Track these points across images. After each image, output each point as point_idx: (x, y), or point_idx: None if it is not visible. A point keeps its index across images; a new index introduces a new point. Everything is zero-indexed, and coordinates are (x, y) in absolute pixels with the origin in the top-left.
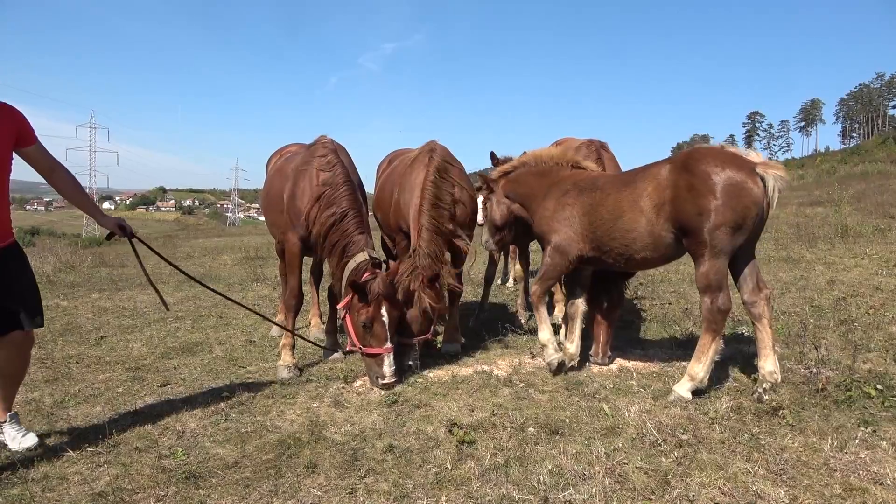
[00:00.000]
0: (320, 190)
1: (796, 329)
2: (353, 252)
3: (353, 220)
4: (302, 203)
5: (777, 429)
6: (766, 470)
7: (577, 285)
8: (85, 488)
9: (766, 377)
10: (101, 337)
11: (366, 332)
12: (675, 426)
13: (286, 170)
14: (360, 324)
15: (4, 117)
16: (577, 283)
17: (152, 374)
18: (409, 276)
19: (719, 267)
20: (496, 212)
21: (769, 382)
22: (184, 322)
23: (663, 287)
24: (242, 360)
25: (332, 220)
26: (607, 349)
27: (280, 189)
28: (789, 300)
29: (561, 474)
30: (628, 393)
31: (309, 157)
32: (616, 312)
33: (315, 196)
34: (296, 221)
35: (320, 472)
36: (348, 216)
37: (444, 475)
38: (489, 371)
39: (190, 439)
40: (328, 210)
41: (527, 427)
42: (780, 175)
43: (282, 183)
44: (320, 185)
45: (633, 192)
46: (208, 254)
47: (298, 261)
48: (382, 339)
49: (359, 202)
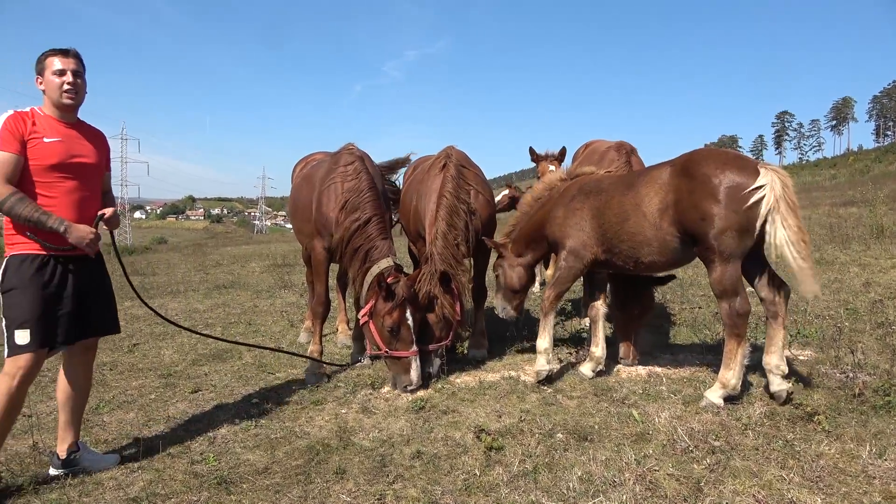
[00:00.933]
0: (345, 196)
1: (831, 332)
2: (376, 258)
3: (376, 226)
4: (328, 210)
5: (812, 435)
6: (801, 477)
7: (595, 288)
8: (119, 493)
9: (772, 370)
10: (133, 344)
11: (392, 335)
12: (707, 432)
13: (313, 178)
14: (387, 328)
15: (102, 142)
16: (594, 286)
17: (184, 380)
18: (426, 281)
19: (731, 271)
20: (511, 276)
21: (778, 375)
22: (213, 329)
23: (693, 291)
24: (271, 367)
25: (355, 225)
26: (635, 352)
27: (307, 197)
28: (823, 303)
29: (591, 481)
30: (658, 398)
31: (334, 164)
32: (646, 316)
33: (341, 203)
34: (322, 229)
35: (349, 477)
36: (371, 222)
37: (473, 481)
38: (516, 377)
39: (221, 445)
40: (352, 216)
41: (555, 433)
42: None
43: (309, 191)
44: (345, 192)
45: (636, 196)
46: (237, 261)
47: (325, 268)
48: (409, 342)
49: (382, 208)
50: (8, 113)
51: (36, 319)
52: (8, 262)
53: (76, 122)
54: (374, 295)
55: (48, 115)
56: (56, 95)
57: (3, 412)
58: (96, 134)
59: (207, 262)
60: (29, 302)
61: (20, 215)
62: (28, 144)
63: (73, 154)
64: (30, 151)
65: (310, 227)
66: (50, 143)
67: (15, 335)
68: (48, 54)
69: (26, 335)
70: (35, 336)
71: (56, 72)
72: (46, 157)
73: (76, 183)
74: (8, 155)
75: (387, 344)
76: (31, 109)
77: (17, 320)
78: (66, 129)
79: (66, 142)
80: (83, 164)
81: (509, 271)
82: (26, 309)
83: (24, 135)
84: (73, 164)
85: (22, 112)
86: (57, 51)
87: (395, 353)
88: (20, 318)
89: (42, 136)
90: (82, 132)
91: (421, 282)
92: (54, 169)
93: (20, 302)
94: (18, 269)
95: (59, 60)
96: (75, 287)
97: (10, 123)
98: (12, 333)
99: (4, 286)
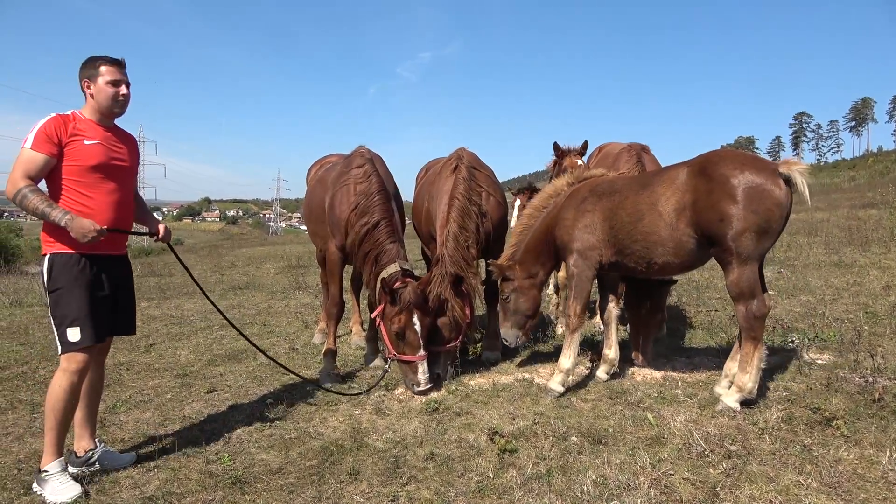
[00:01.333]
0: (356, 199)
1: (850, 336)
2: (385, 262)
3: (384, 230)
4: (341, 212)
5: (831, 440)
6: (819, 483)
7: (607, 291)
8: (136, 492)
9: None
10: (150, 344)
11: (398, 340)
12: (723, 437)
13: (326, 180)
14: (393, 332)
15: (134, 145)
16: (607, 289)
17: (199, 380)
18: (437, 284)
19: (749, 273)
20: (524, 300)
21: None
22: (229, 330)
23: (709, 294)
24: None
25: (365, 229)
26: (644, 354)
27: (321, 199)
28: (842, 306)
29: (605, 484)
30: (674, 402)
31: (346, 167)
32: (656, 317)
33: (352, 206)
34: (335, 231)
35: (363, 478)
36: (380, 225)
37: (486, 484)
38: (530, 379)
39: (236, 445)
40: (362, 219)
41: (569, 436)
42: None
43: (322, 193)
44: (357, 194)
45: (652, 195)
46: (252, 262)
47: (339, 269)
48: (416, 346)
49: (391, 211)
50: (51, 115)
51: (85, 317)
52: (53, 261)
53: (113, 126)
54: (383, 298)
55: (88, 118)
56: (109, 104)
57: (68, 405)
58: (129, 137)
59: (223, 263)
60: (77, 300)
61: (28, 207)
62: (68, 146)
63: (111, 156)
64: (69, 152)
65: (324, 229)
66: (90, 145)
67: (67, 333)
68: (102, 62)
69: (77, 332)
70: (85, 333)
71: (111, 82)
72: (87, 158)
73: (114, 185)
74: (37, 154)
75: (395, 347)
76: (72, 113)
77: (67, 318)
78: (104, 132)
79: (105, 144)
80: (120, 166)
81: (521, 295)
82: (75, 307)
83: (63, 138)
84: (112, 166)
85: (64, 115)
86: (111, 60)
87: (402, 356)
88: (70, 315)
89: (82, 138)
90: (118, 135)
91: (432, 284)
92: (94, 170)
93: (69, 301)
94: (64, 268)
95: (116, 71)
96: (110, 286)
97: (50, 126)
98: (64, 331)
99: (52, 285)
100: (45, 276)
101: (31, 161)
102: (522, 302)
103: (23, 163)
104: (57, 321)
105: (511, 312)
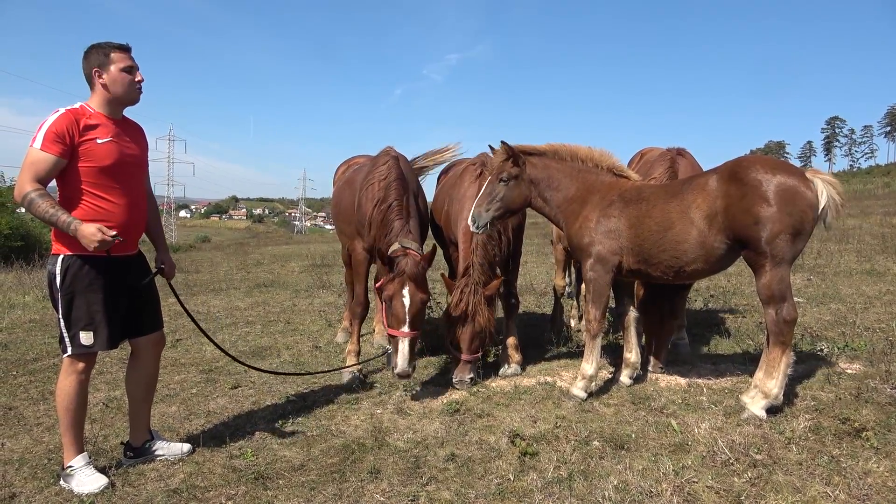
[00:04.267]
0: (379, 195)
1: (881, 346)
2: (391, 238)
3: (395, 209)
4: (367, 211)
5: (860, 451)
6: (847, 495)
7: (625, 295)
8: (161, 484)
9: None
10: (176, 340)
11: (387, 309)
12: (749, 445)
13: (354, 181)
14: (384, 299)
15: (143, 138)
16: (625, 293)
17: (224, 376)
18: (469, 292)
19: (782, 276)
20: (515, 195)
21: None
22: (254, 327)
23: (735, 299)
24: (308, 366)
25: (381, 214)
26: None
27: (349, 199)
28: (873, 315)
29: (626, 490)
30: (698, 409)
31: (373, 167)
32: (673, 322)
33: (374, 200)
34: (362, 229)
35: (383, 478)
36: (392, 206)
37: (507, 486)
38: (552, 382)
39: (259, 441)
40: (381, 206)
41: (591, 440)
42: (830, 181)
43: (350, 193)
44: (379, 190)
45: (682, 203)
46: (277, 261)
47: (364, 269)
48: (400, 319)
49: (401, 194)
50: (59, 111)
51: (99, 322)
52: (68, 264)
53: (122, 118)
54: (384, 271)
55: (98, 111)
56: (126, 91)
57: (79, 403)
58: (137, 128)
59: (249, 260)
60: (92, 304)
61: (36, 212)
62: (81, 146)
63: (125, 154)
64: (83, 153)
65: (351, 229)
66: (103, 143)
67: (80, 336)
68: (113, 49)
69: (90, 336)
70: (99, 338)
71: (126, 68)
72: (101, 158)
73: (128, 184)
74: (46, 156)
75: (385, 318)
76: (81, 107)
77: (80, 321)
78: (115, 128)
79: (118, 141)
80: (133, 163)
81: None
82: (90, 311)
83: (76, 138)
84: (126, 165)
85: (74, 110)
86: (120, 46)
87: (390, 330)
88: (84, 319)
89: (95, 138)
90: (128, 129)
91: (464, 293)
92: (108, 171)
93: (83, 304)
94: (80, 271)
95: (127, 57)
96: (128, 288)
97: (60, 124)
98: (76, 334)
99: (66, 288)
100: (59, 277)
101: (39, 162)
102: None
103: (31, 164)
104: (70, 324)
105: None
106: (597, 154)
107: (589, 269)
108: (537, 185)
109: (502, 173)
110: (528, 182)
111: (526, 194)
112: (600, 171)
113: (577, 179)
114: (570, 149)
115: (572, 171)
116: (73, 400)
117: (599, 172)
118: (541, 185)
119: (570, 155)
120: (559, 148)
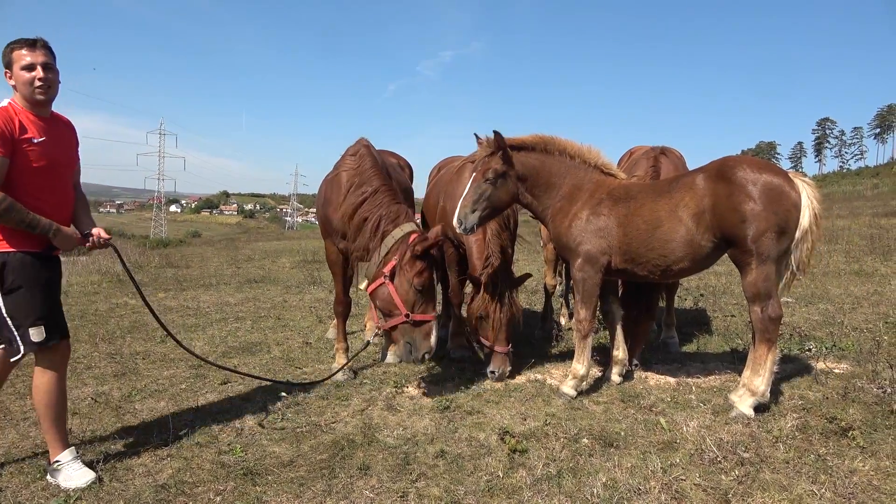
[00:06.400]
0: (349, 182)
1: (868, 346)
2: (400, 221)
3: (385, 195)
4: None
5: (846, 450)
6: (833, 493)
7: (609, 292)
8: (149, 480)
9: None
10: (166, 335)
11: (420, 295)
12: (737, 443)
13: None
14: (416, 287)
15: (74, 135)
16: (609, 291)
17: (213, 371)
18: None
19: (767, 274)
20: (502, 193)
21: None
22: (244, 322)
23: (725, 299)
24: (299, 362)
25: (362, 197)
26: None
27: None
28: (861, 315)
29: (615, 488)
30: (687, 407)
31: (340, 161)
32: (645, 322)
33: (346, 189)
34: (329, 228)
35: (373, 474)
36: (380, 191)
37: (496, 483)
38: (542, 380)
39: (248, 437)
40: (357, 191)
41: (580, 438)
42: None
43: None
44: (348, 179)
45: (670, 202)
46: (268, 256)
47: (339, 268)
48: (435, 305)
49: (388, 181)
50: None
51: (48, 315)
52: (7, 261)
53: (51, 115)
54: (397, 254)
55: (24, 109)
56: (28, 91)
57: (58, 398)
58: (68, 125)
59: (239, 256)
60: (38, 299)
61: (15, 218)
62: (18, 145)
63: (57, 153)
64: (20, 153)
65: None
66: (39, 143)
67: (30, 333)
68: (14, 47)
69: (41, 331)
70: (52, 330)
71: (25, 66)
72: (36, 158)
73: (59, 182)
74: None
75: (410, 306)
76: (9, 104)
77: (29, 318)
78: (45, 126)
79: (50, 140)
80: (63, 163)
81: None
82: (37, 307)
83: (15, 134)
84: (57, 164)
85: (4, 108)
86: (23, 42)
87: (417, 316)
88: (32, 315)
89: (31, 137)
90: (58, 127)
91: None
92: (42, 170)
93: (29, 300)
94: (23, 268)
95: (27, 53)
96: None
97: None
98: (25, 332)
99: (8, 285)
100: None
101: None
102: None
103: None
104: (17, 322)
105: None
106: (586, 150)
107: (578, 270)
108: (525, 181)
109: (488, 172)
110: (516, 179)
111: (513, 191)
112: (589, 169)
113: (567, 177)
114: (559, 144)
115: (562, 168)
116: (52, 396)
117: (588, 170)
118: (528, 182)
119: (559, 150)
120: (548, 141)
